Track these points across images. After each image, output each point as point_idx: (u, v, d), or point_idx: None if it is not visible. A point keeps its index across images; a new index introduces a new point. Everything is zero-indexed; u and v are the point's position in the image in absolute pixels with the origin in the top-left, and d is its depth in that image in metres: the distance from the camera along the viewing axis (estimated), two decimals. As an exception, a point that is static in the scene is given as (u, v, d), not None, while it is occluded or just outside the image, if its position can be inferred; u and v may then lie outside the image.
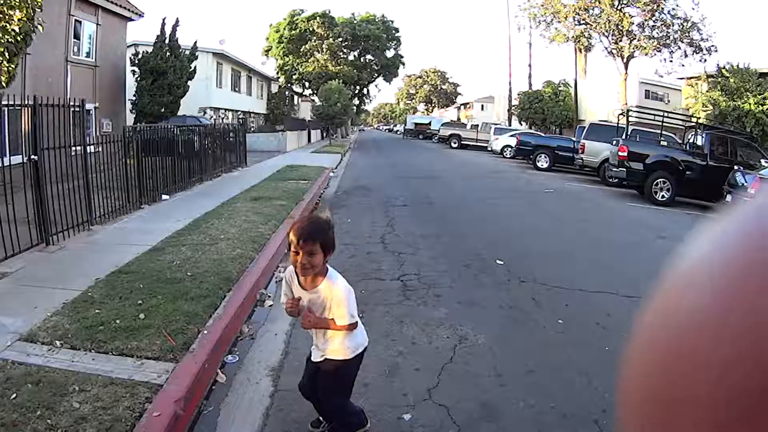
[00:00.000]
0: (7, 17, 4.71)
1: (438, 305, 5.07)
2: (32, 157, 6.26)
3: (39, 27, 6.11)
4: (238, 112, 35.10)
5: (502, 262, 6.51)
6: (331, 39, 48.22)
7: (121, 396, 3.06)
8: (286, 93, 47.93)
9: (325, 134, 42.11)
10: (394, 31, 51.80)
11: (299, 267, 2.51)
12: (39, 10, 5.92)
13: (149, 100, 18.27)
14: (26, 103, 6.31)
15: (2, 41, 4.79)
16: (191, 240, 6.75)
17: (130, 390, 3.13)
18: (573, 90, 33.49)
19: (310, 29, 47.73)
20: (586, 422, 3.13)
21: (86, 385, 3.15)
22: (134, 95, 18.64)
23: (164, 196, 10.38)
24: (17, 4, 4.84)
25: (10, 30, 4.84)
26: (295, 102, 52.17)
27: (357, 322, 2.69)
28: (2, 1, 4.60)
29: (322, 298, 2.61)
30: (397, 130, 74.51)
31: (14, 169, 6.13)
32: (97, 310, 4.26)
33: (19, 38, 5.12)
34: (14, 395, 2.99)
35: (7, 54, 4.83)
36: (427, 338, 4.31)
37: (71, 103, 7.11)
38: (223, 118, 30.88)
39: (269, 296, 5.37)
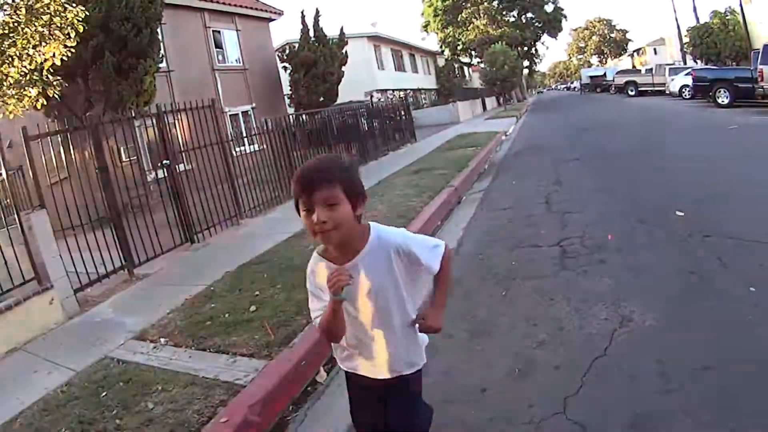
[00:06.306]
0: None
1: (600, 274, 4.11)
2: (177, 165, 6.76)
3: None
4: (408, 91, 35.23)
5: (682, 214, 5.27)
6: (486, 3, 46.91)
7: (195, 398, 2.95)
8: (453, 65, 47.72)
9: (501, 100, 41.00)
10: (550, -16, 49.51)
11: (318, 229, 1.56)
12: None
13: (305, 92, 19.11)
14: (182, 108, 6.85)
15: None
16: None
17: (206, 391, 3.00)
18: (741, 17, 29.58)
19: (464, -4, 46.97)
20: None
21: (169, 384, 3.11)
22: (290, 89, 19.65)
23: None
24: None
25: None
26: (466, 73, 52.06)
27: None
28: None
29: (377, 261, 1.71)
30: (575, 87, 72.48)
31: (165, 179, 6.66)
32: (212, 305, 4.30)
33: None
34: (104, 393, 3.05)
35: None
36: (578, 321, 3.39)
37: (221, 107, 7.54)
38: (392, 99, 31.35)
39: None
